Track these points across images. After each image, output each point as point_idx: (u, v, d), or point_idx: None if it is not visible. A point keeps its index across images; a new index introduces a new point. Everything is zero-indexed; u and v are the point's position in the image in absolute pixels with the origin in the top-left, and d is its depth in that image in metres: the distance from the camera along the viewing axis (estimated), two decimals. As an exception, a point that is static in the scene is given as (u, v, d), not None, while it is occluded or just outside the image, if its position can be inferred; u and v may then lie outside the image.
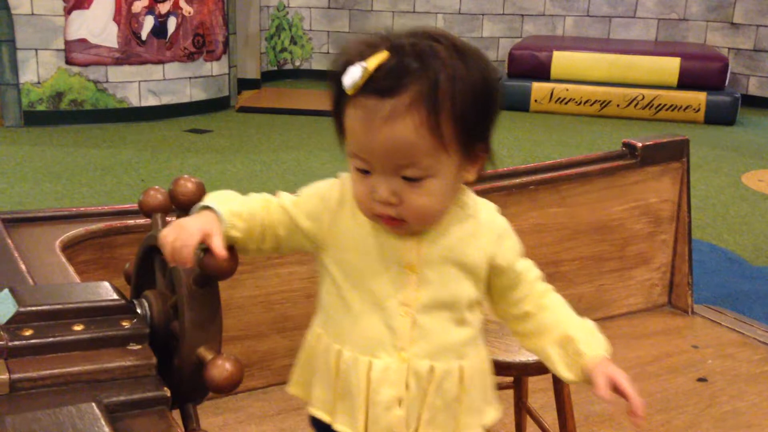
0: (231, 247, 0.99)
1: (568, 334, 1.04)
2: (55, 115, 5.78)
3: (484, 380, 1.06)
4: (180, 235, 0.93)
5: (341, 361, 1.02)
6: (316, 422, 1.08)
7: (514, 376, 1.58)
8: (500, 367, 1.33)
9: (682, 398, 2.01)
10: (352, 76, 0.90)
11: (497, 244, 1.03)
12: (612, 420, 1.91)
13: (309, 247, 1.04)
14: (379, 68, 0.90)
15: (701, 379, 2.11)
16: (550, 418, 1.63)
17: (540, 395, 1.81)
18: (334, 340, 1.03)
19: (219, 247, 0.94)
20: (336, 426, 1.03)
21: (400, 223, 0.96)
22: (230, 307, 1.85)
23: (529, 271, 1.07)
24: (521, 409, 1.67)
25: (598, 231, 2.41)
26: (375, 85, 0.90)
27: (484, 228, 1.03)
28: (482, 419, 1.06)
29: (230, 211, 0.99)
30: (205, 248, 0.96)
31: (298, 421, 1.84)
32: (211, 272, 0.98)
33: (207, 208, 0.99)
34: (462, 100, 0.92)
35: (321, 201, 1.03)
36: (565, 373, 1.05)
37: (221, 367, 0.95)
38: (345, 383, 1.02)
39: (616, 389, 1.01)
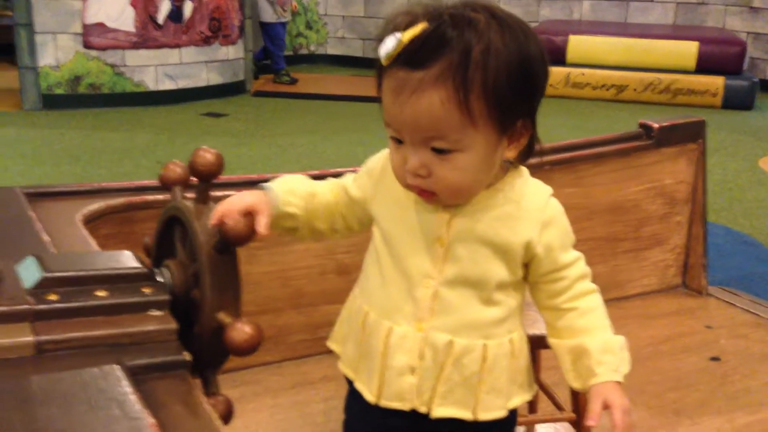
0: (249, 213, 1.01)
1: (586, 347, 1.02)
2: (73, 99, 5.83)
3: (515, 363, 1.04)
4: (227, 206, 0.99)
5: (367, 323, 1.05)
6: (348, 378, 1.11)
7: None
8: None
9: (694, 377, 2.02)
10: (387, 47, 0.91)
11: (539, 231, 1.00)
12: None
13: (368, 218, 1.08)
14: (414, 40, 0.90)
15: (714, 359, 2.12)
16: (563, 395, 1.65)
17: (553, 372, 1.82)
18: (365, 301, 1.06)
19: (261, 225, 0.99)
20: (356, 384, 1.07)
21: (431, 195, 0.97)
22: (247, 282, 1.86)
23: (573, 266, 1.03)
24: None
25: (614, 211, 2.42)
26: (407, 57, 0.90)
27: (526, 212, 1.00)
28: (507, 401, 1.04)
29: (287, 190, 1.06)
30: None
31: (312, 394, 1.87)
32: (229, 238, 1.00)
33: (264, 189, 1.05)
34: (495, 75, 0.90)
35: (367, 173, 1.08)
36: (573, 382, 1.05)
37: (240, 330, 0.97)
38: (367, 345, 1.05)
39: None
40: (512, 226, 0.99)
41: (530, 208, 1.00)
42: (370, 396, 1.04)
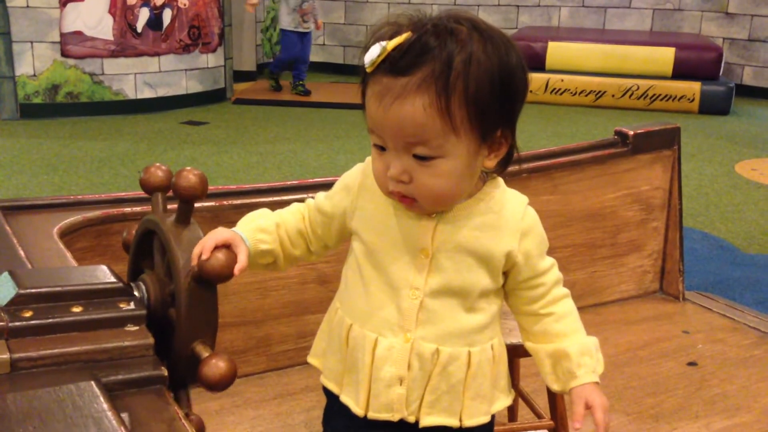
0: (229, 254, 1.01)
1: (565, 351, 1.05)
2: (51, 108, 5.79)
3: (496, 368, 1.07)
4: (203, 244, 1.01)
5: (351, 335, 1.06)
6: (328, 392, 1.12)
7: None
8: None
9: (672, 382, 2.05)
10: (371, 54, 0.94)
11: (518, 239, 1.02)
12: (603, 403, 1.94)
13: (347, 233, 1.09)
14: (397, 48, 0.93)
15: (691, 363, 2.15)
16: (542, 402, 1.66)
17: (532, 380, 1.84)
18: (347, 314, 1.07)
19: (237, 267, 1.01)
20: (342, 398, 1.08)
21: (412, 202, 0.98)
22: (227, 293, 1.87)
23: (550, 272, 1.06)
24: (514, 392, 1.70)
25: (591, 218, 2.44)
26: (390, 64, 0.93)
27: (506, 221, 1.02)
28: (490, 406, 1.07)
29: (254, 228, 1.07)
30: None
31: (293, 405, 1.87)
32: (209, 275, 1.00)
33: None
34: (477, 84, 0.92)
35: (344, 188, 1.09)
36: (552, 384, 1.08)
37: (215, 366, 0.97)
38: (352, 357, 1.06)
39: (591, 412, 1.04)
40: (494, 236, 1.02)
41: (509, 217, 1.03)
42: (357, 409, 1.05)
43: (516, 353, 1.46)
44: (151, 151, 4.96)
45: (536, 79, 6.82)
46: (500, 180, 1.05)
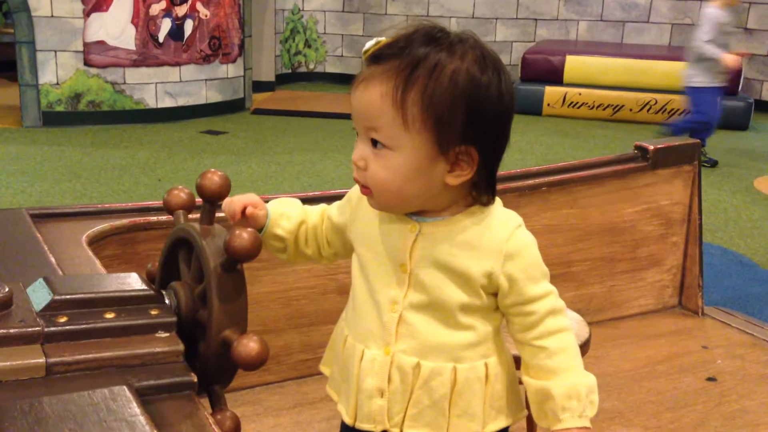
0: (254, 234, 1.04)
1: (551, 392, 1.02)
2: (73, 116, 5.86)
3: (491, 387, 1.05)
4: (231, 201, 1.09)
5: (346, 346, 1.09)
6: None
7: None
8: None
9: (691, 397, 2.04)
10: (367, 45, 0.99)
11: (501, 262, 1.00)
12: (622, 416, 1.94)
13: (351, 244, 1.11)
14: (387, 43, 0.97)
15: (710, 379, 2.14)
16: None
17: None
18: (345, 326, 1.11)
19: (254, 214, 1.08)
20: (338, 406, 1.11)
21: (368, 192, 1.01)
22: (247, 302, 1.89)
23: (543, 300, 1.02)
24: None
25: (610, 232, 2.44)
26: (374, 55, 0.98)
27: (488, 241, 1.01)
28: (483, 426, 1.05)
29: (280, 213, 1.12)
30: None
31: (313, 414, 1.88)
32: (234, 253, 1.02)
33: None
34: (437, 88, 0.94)
35: (348, 199, 1.13)
36: (538, 421, 1.06)
37: (247, 345, 0.99)
38: (345, 368, 1.09)
39: None
40: (472, 255, 1.01)
41: (493, 238, 1.01)
42: (347, 418, 1.08)
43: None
44: (170, 160, 5.00)
45: (554, 92, 6.83)
46: (497, 200, 1.04)
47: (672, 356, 2.27)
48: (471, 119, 0.96)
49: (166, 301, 1.11)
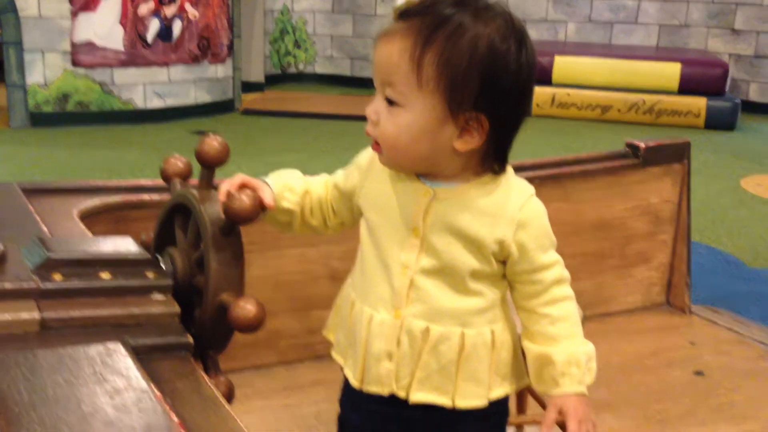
0: (255, 196, 1.05)
1: (551, 357, 1.04)
2: (61, 117, 5.83)
3: (497, 354, 1.06)
4: (231, 182, 1.07)
5: (353, 310, 1.09)
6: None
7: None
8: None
9: (679, 390, 2.06)
10: (398, 2, 1.00)
11: (513, 230, 1.02)
12: (610, 406, 1.95)
13: (358, 211, 1.11)
14: (418, 3, 0.98)
15: (698, 373, 2.16)
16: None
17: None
18: (353, 290, 1.11)
19: (268, 197, 1.06)
20: (345, 370, 1.12)
21: (379, 149, 1.02)
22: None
23: (551, 269, 1.05)
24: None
25: (600, 228, 2.46)
26: (402, 12, 0.99)
27: (502, 209, 1.02)
28: (488, 391, 1.06)
29: (282, 185, 1.11)
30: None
31: (302, 398, 1.88)
32: (235, 214, 1.02)
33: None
34: (455, 50, 0.95)
35: (356, 165, 1.13)
36: (535, 386, 1.08)
37: (244, 308, 0.99)
38: (353, 332, 1.09)
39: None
40: (486, 222, 1.02)
41: (507, 205, 1.03)
42: (354, 381, 1.08)
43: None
44: (160, 161, 4.94)
45: (543, 93, 6.85)
46: (509, 169, 1.06)
47: (660, 351, 2.28)
48: (485, 87, 0.97)
49: (162, 266, 1.11)
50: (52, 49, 5.73)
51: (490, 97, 0.97)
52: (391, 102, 0.98)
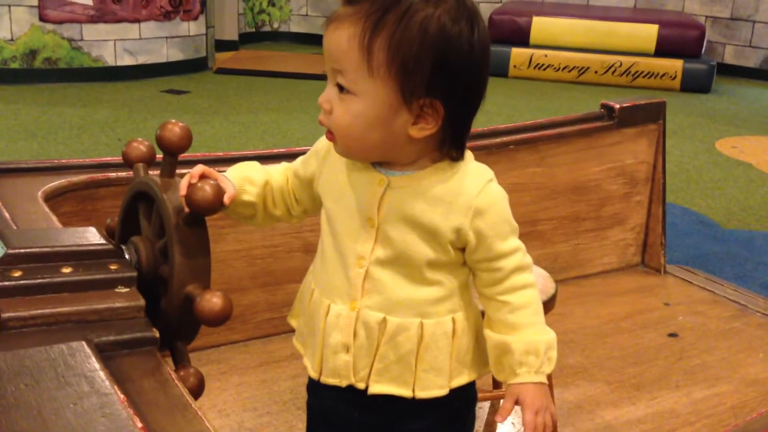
0: (217, 185, 1.01)
1: (510, 346, 1.01)
2: (29, 73, 5.68)
3: (458, 342, 1.04)
4: (191, 175, 1.01)
5: (312, 300, 1.07)
6: None
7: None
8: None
9: (653, 352, 2.07)
10: None
11: (469, 217, 0.98)
12: (585, 371, 1.97)
13: (319, 198, 1.08)
14: None
15: (672, 335, 2.18)
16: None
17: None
18: (313, 279, 1.09)
19: (227, 196, 1.01)
20: (304, 360, 1.10)
21: (332, 138, 0.99)
22: (212, 261, 1.86)
23: (510, 257, 1.01)
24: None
25: (576, 191, 2.45)
26: None
27: (458, 197, 0.99)
28: (450, 380, 1.04)
29: (242, 178, 1.07)
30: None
31: (279, 372, 1.88)
32: (196, 206, 0.99)
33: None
34: (404, 35, 0.91)
35: (315, 152, 1.09)
36: (495, 374, 1.06)
37: (210, 301, 0.97)
38: (312, 322, 1.07)
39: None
40: (441, 211, 0.99)
41: (462, 193, 0.99)
42: (313, 372, 1.07)
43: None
44: (131, 119, 4.89)
45: (520, 54, 6.81)
46: (468, 154, 1.02)
47: (635, 313, 2.30)
48: (437, 70, 0.92)
49: (126, 257, 1.08)
50: (18, 3, 5.56)
51: (444, 81, 0.94)
52: (342, 89, 0.95)
